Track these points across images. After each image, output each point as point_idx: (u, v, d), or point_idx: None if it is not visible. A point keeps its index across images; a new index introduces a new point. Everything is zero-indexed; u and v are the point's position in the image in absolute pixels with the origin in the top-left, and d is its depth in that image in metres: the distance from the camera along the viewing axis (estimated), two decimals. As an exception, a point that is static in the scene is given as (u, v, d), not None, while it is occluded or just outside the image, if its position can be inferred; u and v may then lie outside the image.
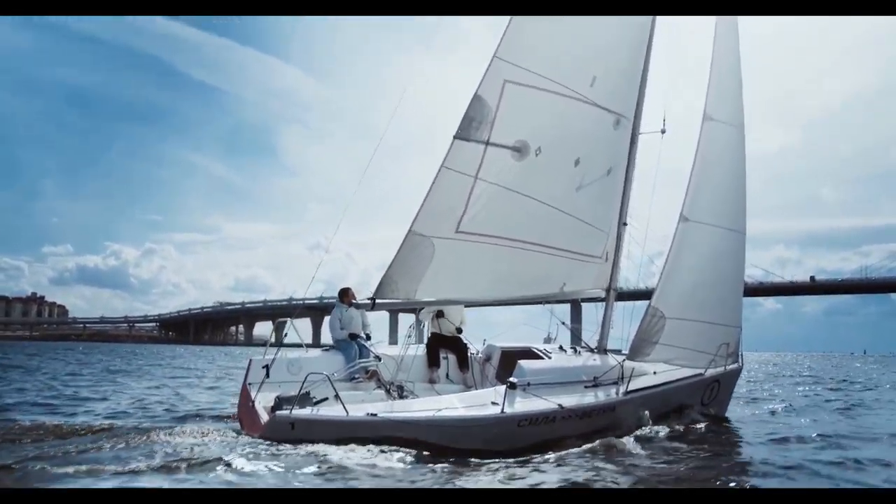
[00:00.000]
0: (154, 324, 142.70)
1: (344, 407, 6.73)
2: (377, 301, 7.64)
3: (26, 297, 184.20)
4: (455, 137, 7.42)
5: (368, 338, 8.95)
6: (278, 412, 6.78)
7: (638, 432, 7.81)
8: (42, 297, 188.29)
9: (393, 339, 10.10)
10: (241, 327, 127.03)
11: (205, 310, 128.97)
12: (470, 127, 7.42)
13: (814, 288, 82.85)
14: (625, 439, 7.35)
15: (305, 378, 7.07)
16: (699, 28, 8.94)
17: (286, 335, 8.78)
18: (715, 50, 8.99)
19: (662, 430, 8.06)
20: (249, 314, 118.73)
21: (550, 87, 7.75)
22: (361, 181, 8.11)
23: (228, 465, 5.55)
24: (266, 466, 5.60)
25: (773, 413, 11.18)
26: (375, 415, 6.75)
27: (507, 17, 7.41)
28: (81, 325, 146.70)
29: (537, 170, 7.93)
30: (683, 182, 8.93)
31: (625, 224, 9.26)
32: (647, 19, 8.51)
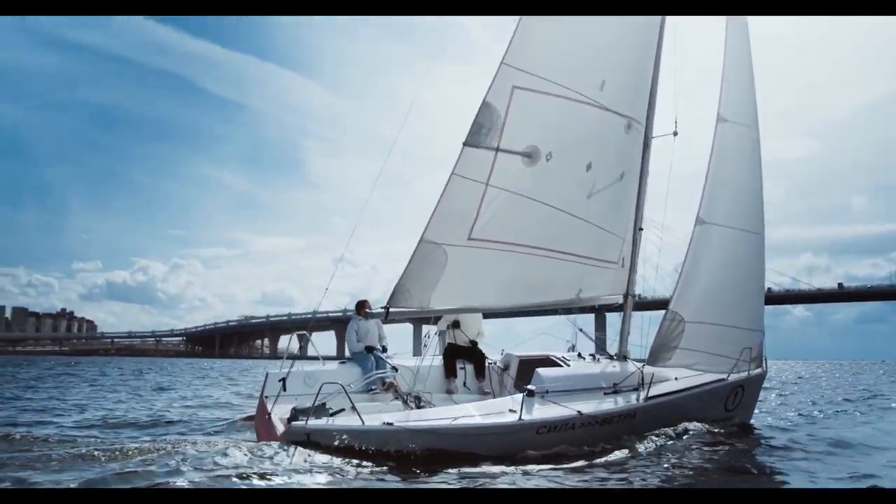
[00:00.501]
0: (181, 338, 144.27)
1: (360, 416, 6.73)
2: (391, 310, 7.61)
3: (56, 313, 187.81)
4: (465, 144, 7.45)
5: (385, 350, 8.95)
6: (294, 423, 6.79)
7: (658, 440, 7.70)
8: (71, 313, 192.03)
9: (417, 351, 10.08)
10: (265, 340, 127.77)
11: (230, 324, 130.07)
12: (479, 133, 7.44)
13: (841, 295, 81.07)
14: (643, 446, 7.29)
15: (320, 388, 7.09)
16: (709, 29, 8.90)
17: (302, 347, 8.78)
18: (726, 50, 8.94)
19: (684, 438, 7.92)
20: (274, 327, 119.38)
21: (559, 91, 7.76)
22: (373, 189, 8.14)
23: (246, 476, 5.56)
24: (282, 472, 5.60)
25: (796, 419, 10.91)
26: (391, 424, 6.73)
27: (515, 23, 7.41)
28: (109, 340, 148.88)
29: (549, 175, 7.92)
30: (699, 185, 8.85)
31: (640, 229, 9.20)
32: (655, 20, 8.50)
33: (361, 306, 8.91)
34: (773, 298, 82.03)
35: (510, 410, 7.22)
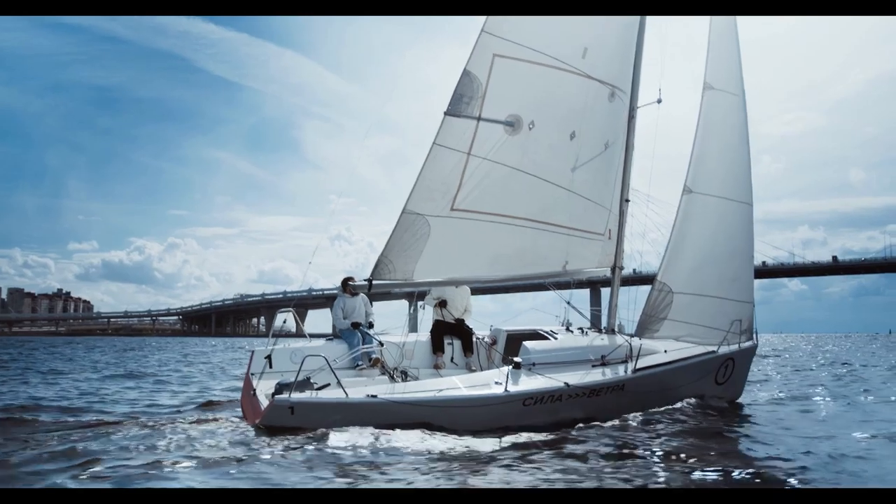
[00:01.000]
0: (177, 317, 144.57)
1: (343, 390, 6.71)
2: (374, 282, 7.57)
3: (52, 294, 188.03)
4: (446, 114, 7.39)
5: (371, 326, 8.93)
6: (277, 396, 6.77)
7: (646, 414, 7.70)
8: (68, 293, 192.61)
9: (413, 328, 10.07)
10: (261, 319, 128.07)
11: (226, 302, 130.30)
12: (460, 103, 7.39)
13: (836, 268, 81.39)
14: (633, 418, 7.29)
15: (302, 361, 7.07)
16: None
17: (284, 323, 8.77)
18: (713, 18, 8.85)
19: (673, 415, 7.91)
20: (270, 305, 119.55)
21: (541, 59, 7.69)
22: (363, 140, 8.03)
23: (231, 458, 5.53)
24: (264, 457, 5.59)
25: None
26: (376, 396, 6.73)
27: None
28: (106, 320, 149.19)
29: (532, 144, 7.87)
30: (685, 155, 8.79)
31: (627, 201, 9.15)
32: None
33: (347, 283, 8.87)
34: (768, 272, 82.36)
35: (496, 382, 7.21)
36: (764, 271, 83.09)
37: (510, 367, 7.50)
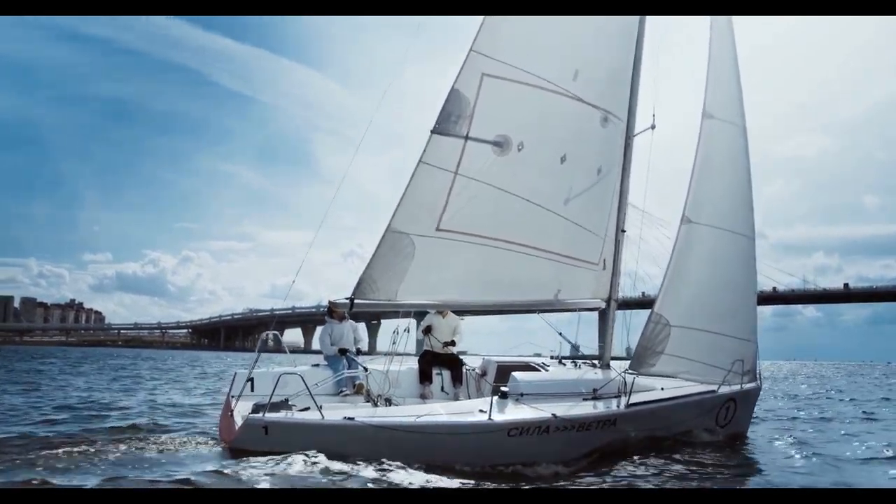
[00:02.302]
0: (186, 330, 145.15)
1: (319, 411, 6.53)
2: (356, 301, 7.39)
3: (64, 304, 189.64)
4: (432, 132, 7.32)
5: (359, 353, 8.77)
6: (250, 415, 6.60)
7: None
8: (80, 304, 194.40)
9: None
10: (270, 334, 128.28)
11: (235, 316, 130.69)
12: (448, 121, 7.32)
13: (847, 296, 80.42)
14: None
15: (277, 379, 6.91)
16: (691, 19, 8.65)
17: (269, 342, 8.61)
18: (711, 44, 8.80)
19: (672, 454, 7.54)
20: (279, 321, 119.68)
21: (530, 80, 7.63)
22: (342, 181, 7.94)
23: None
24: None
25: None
26: (353, 419, 6.53)
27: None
28: (116, 332, 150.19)
29: (521, 166, 7.75)
30: (680, 183, 8.61)
31: (623, 231, 8.95)
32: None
33: (334, 309, 8.69)
34: (779, 298, 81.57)
35: (480, 410, 6.96)
36: (774, 297, 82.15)
37: (497, 396, 7.30)
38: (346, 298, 7.46)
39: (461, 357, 9.17)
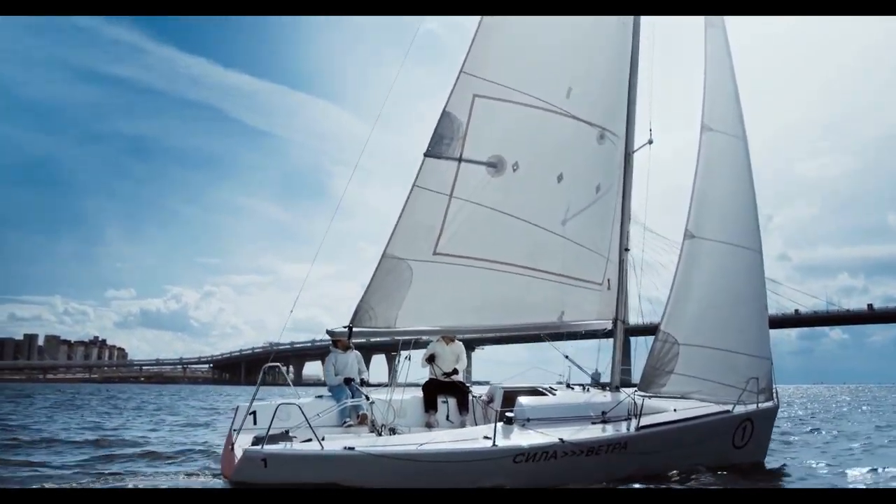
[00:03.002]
0: (208, 365, 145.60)
1: (319, 441, 6.40)
2: (355, 329, 7.30)
3: (88, 341, 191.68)
4: (426, 155, 7.29)
5: (363, 383, 8.65)
6: (248, 448, 6.48)
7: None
8: (103, 341, 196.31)
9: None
10: (290, 367, 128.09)
11: (255, 351, 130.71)
12: (441, 144, 7.29)
13: (871, 317, 78.85)
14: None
15: (275, 411, 6.82)
16: (685, 32, 8.59)
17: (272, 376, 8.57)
18: (706, 57, 8.72)
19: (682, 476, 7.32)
20: (298, 354, 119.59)
21: (522, 99, 7.58)
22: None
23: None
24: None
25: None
26: (353, 448, 6.39)
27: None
28: (138, 368, 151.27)
29: (517, 186, 7.68)
30: (680, 198, 8.45)
31: (627, 249, 8.82)
32: (627, 25, 8.22)
33: (339, 339, 8.51)
34: (801, 321, 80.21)
35: (485, 437, 6.78)
36: (797, 320, 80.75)
37: (503, 422, 7.13)
38: (345, 327, 7.37)
39: (478, 385, 8.98)
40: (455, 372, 8.68)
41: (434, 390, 8.56)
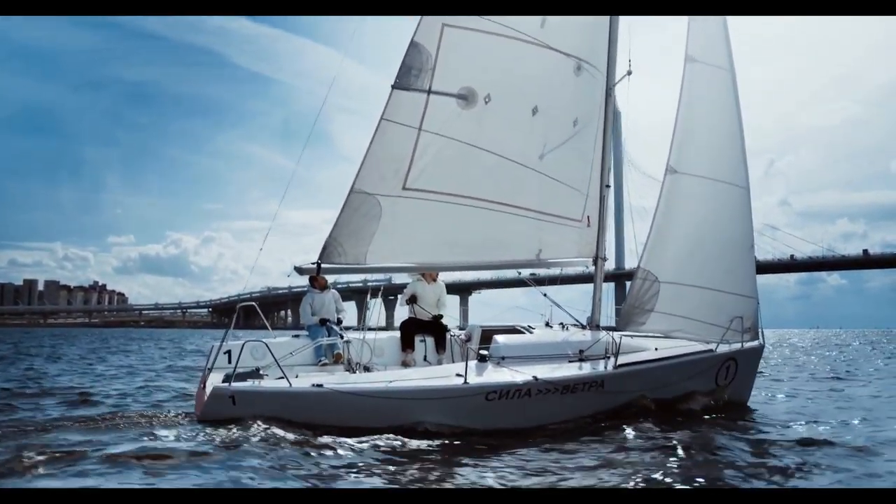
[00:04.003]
0: (207, 309, 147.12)
1: (287, 379, 6.44)
2: (323, 266, 7.24)
3: (88, 287, 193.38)
4: (393, 87, 7.11)
5: (339, 322, 8.67)
6: (216, 385, 6.55)
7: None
8: (103, 286, 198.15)
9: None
10: (288, 311, 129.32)
11: (253, 295, 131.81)
12: (409, 75, 7.10)
13: (868, 262, 79.19)
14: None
15: (241, 348, 6.85)
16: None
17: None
18: None
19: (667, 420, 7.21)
20: (296, 298, 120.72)
21: (493, 28, 7.34)
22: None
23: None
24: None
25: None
26: (321, 385, 6.43)
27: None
28: (138, 312, 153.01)
29: (490, 120, 7.51)
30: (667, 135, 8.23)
31: (608, 186, 8.70)
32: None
33: (315, 278, 8.62)
34: (797, 266, 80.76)
35: (457, 374, 6.81)
36: (792, 265, 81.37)
37: (476, 360, 7.14)
38: (313, 263, 7.32)
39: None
40: (440, 317, 8.67)
41: (412, 329, 8.56)
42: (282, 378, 6.52)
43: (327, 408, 6.36)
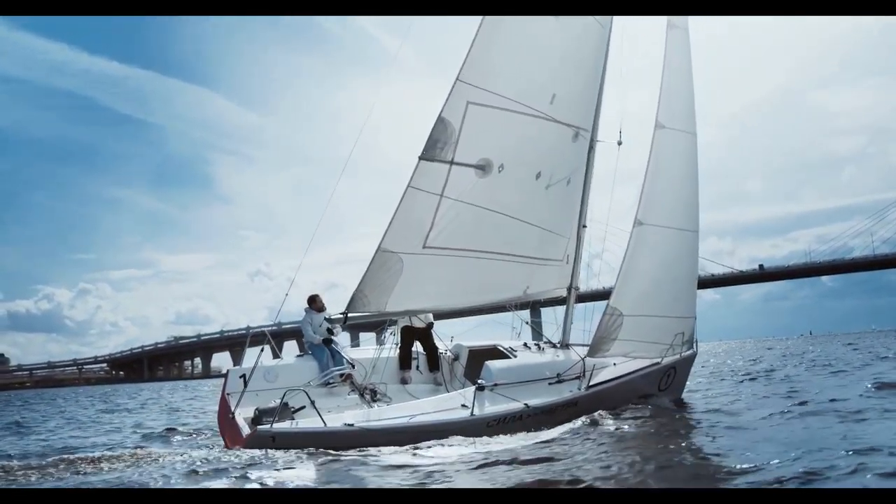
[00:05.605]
0: (103, 364, 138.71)
1: (322, 419, 7.27)
2: (350, 315, 8.19)
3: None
4: (420, 158, 7.96)
5: (331, 332, 9.48)
6: (259, 427, 7.26)
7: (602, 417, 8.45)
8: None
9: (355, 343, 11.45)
10: (196, 360, 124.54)
11: (158, 345, 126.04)
12: (434, 148, 7.97)
13: (763, 276, 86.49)
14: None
15: (284, 395, 7.53)
16: (654, 32, 9.60)
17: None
18: (665, 57, 9.58)
19: (623, 417, 8.66)
20: (206, 346, 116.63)
21: (512, 106, 8.32)
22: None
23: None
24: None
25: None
26: (352, 425, 7.33)
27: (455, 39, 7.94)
28: (27, 372, 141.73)
29: (500, 185, 8.53)
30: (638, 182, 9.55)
31: (584, 226, 9.99)
32: (604, 35, 9.14)
33: (313, 300, 9.66)
34: (701, 283, 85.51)
35: (462, 406, 7.92)
36: (709, 281, 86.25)
37: (475, 388, 8.07)
38: (341, 314, 8.28)
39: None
40: (431, 325, 9.79)
41: (409, 338, 9.68)
42: (303, 407, 7.58)
43: (357, 442, 7.29)
